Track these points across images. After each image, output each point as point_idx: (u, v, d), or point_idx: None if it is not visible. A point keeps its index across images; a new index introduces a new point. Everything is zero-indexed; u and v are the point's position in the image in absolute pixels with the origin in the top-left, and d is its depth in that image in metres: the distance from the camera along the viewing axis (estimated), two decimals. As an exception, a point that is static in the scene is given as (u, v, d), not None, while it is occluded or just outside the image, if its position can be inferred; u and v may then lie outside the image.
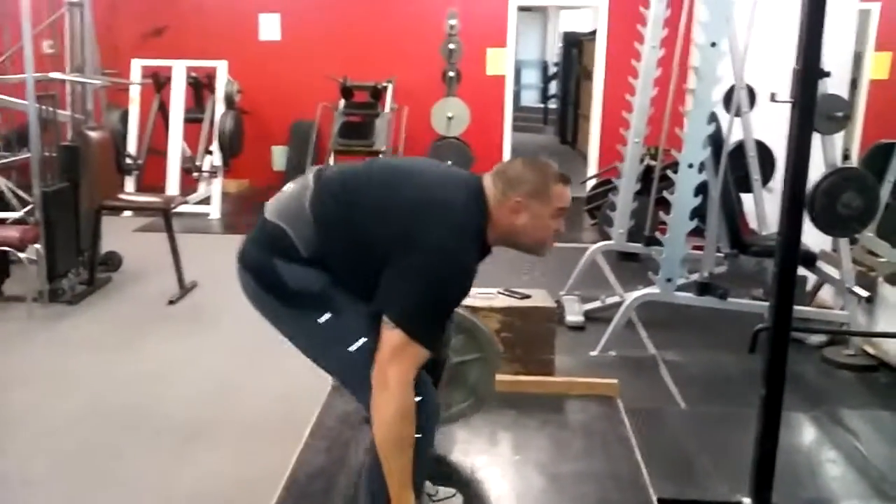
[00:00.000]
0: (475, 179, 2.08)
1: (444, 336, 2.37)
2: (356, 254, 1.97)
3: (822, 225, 3.76)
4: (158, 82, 7.57)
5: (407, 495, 1.95)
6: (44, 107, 4.89)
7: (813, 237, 3.95)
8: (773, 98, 3.28)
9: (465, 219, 1.98)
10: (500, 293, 3.52)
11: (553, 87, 15.60)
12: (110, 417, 3.34)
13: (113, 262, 5.38)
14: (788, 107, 2.37)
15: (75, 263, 4.93)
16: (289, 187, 2.13)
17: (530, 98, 17.05)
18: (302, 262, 1.98)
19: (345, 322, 1.98)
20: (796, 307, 2.62)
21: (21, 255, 4.51)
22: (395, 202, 1.98)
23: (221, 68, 7.47)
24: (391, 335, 1.88)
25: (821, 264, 4.27)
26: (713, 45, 3.80)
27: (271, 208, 2.09)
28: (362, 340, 1.96)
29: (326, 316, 1.99)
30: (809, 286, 4.54)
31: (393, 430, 1.89)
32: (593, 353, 4.00)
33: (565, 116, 13.26)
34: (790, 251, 2.29)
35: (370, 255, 1.95)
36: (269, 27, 8.50)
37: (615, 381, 3.24)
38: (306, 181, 2.09)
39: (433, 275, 1.90)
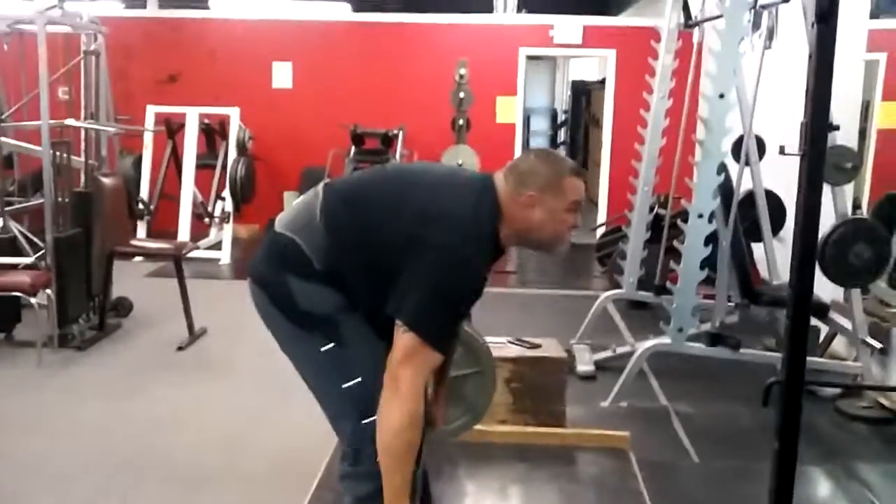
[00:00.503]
0: (486, 179, 2.05)
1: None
2: (368, 258, 1.96)
3: (834, 276, 3.75)
4: (171, 129, 7.65)
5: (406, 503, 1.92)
6: (58, 153, 4.95)
7: (825, 287, 3.93)
8: (781, 151, 3.29)
9: (476, 222, 1.96)
10: (510, 342, 3.51)
11: (562, 134, 15.71)
12: (119, 465, 3.31)
13: (123, 307, 5.39)
14: (797, 159, 2.38)
15: (86, 309, 4.94)
16: (298, 201, 2.13)
17: (540, 145, 17.15)
18: (315, 279, 1.97)
19: (346, 357, 1.97)
20: (809, 358, 2.60)
21: (32, 299, 4.52)
22: (406, 204, 1.97)
23: (234, 115, 7.56)
24: (404, 339, 1.86)
25: (833, 315, 4.24)
26: (721, 96, 3.83)
27: (281, 221, 2.08)
28: (356, 380, 1.95)
29: (329, 345, 1.98)
30: (822, 337, 4.50)
31: (402, 437, 1.86)
32: (604, 404, 3.96)
33: (574, 163, 13.31)
34: (802, 305, 2.27)
35: (382, 259, 1.93)
36: (282, 75, 8.62)
37: (627, 433, 3.22)
38: (316, 192, 2.08)
39: (445, 279, 1.88)
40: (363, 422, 1.95)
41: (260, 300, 2.08)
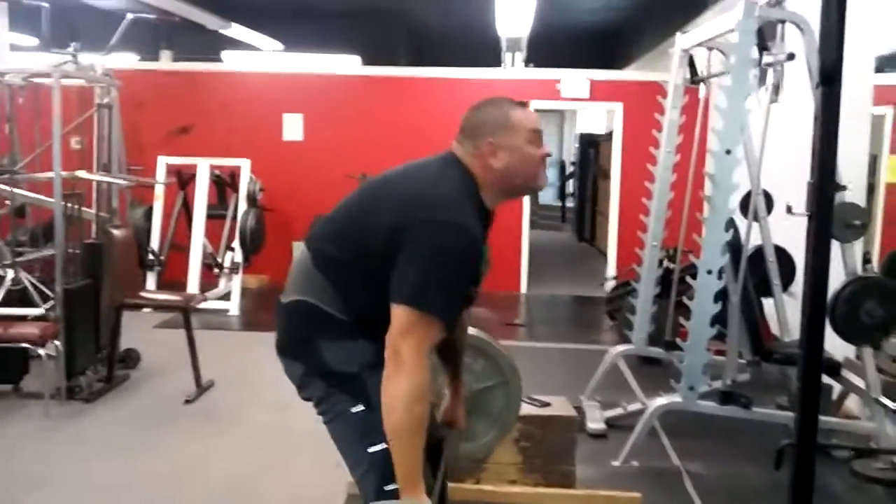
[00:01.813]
0: (446, 153, 2.06)
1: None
2: (373, 272, 1.93)
3: (845, 335, 3.72)
4: (182, 180, 7.72)
5: (419, 486, 1.87)
6: (70, 205, 4.99)
7: (836, 344, 3.90)
8: (789, 210, 3.31)
9: (451, 189, 1.95)
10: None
11: (570, 186, 15.80)
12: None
13: (131, 359, 5.38)
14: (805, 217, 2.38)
15: (94, 360, 4.93)
16: (292, 267, 2.14)
17: (548, 196, 17.25)
18: (341, 334, 1.96)
19: (375, 420, 1.93)
20: (822, 418, 2.56)
21: (40, 350, 4.52)
22: (382, 201, 1.97)
23: (245, 167, 7.62)
24: (399, 312, 1.83)
25: (845, 373, 4.19)
26: (728, 152, 3.84)
27: (284, 292, 2.09)
28: (382, 446, 1.93)
29: (360, 408, 1.96)
30: (835, 394, 4.45)
31: (410, 411, 1.82)
32: (615, 463, 3.91)
33: (583, 214, 13.38)
34: (813, 367, 2.25)
35: (382, 270, 1.90)
36: (293, 127, 8.71)
37: (638, 494, 3.17)
38: (302, 251, 2.10)
39: (434, 248, 1.85)
40: (385, 487, 1.92)
41: (294, 371, 2.07)
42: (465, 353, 2.40)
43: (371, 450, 1.94)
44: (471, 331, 2.54)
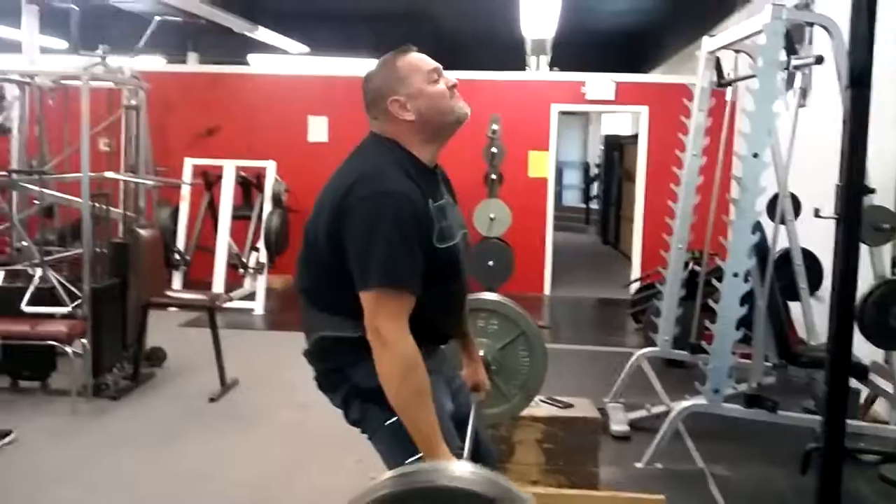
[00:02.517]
0: (363, 140, 2.06)
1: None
2: (339, 279, 1.92)
3: (873, 338, 3.68)
4: (209, 181, 7.78)
5: (441, 447, 1.86)
6: (97, 205, 5.05)
7: (864, 347, 3.85)
8: (816, 214, 3.27)
9: (366, 161, 1.96)
10: (542, 401, 3.46)
11: (595, 188, 15.74)
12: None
13: (157, 357, 5.43)
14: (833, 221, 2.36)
15: (120, 358, 4.99)
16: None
17: (572, 198, 17.22)
18: (361, 351, 1.93)
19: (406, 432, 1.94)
20: (849, 422, 2.54)
21: (67, 348, 4.58)
22: (318, 209, 1.98)
23: (270, 168, 7.67)
24: (365, 297, 1.84)
25: (873, 377, 4.15)
26: (755, 155, 3.81)
27: (306, 339, 2.09)
28: (419, 455, 1.92)
29: (393, 419, 1.95)
30: (863, 398, 4.40)
31: (407, 384, 1.83)
32: (639, 465, 3.89)
33: (607, 217, 13.33)
34: (840, 372, 2.23)
35: (338, 266, 1.91)
36: (318, 129, 8.76)
37: (662, 496, 3.14)
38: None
39: (366, 223, 1.85)
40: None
41: (337, 401, 2.09)
42: (477, 317, 2.40)
43: (408, 461, 1.94)
44: (481, 295, 2.58)
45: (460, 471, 1.49)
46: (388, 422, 1.95)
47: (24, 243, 5.76)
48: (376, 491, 1.40)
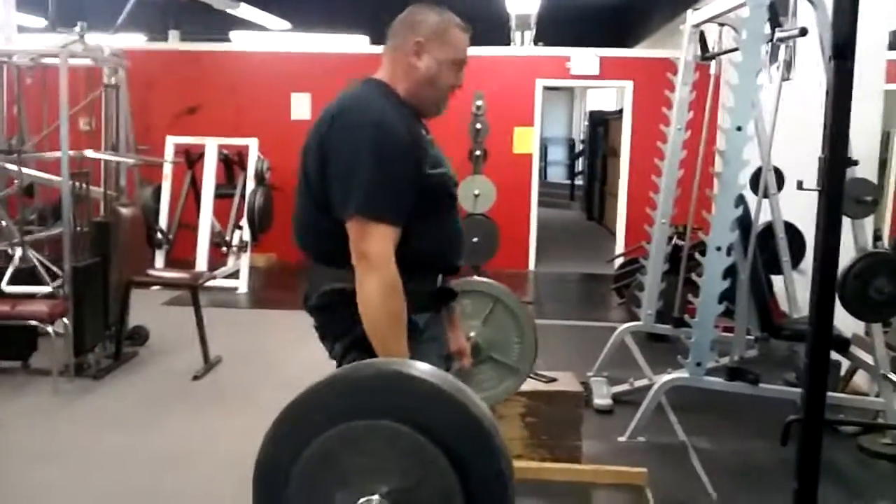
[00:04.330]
0: (360, 79, 2.06)
1: None
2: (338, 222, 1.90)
3: (855, 311, 3.70)
4: (190, 159, 7.72)
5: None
6: (77, 183, 5.00)
7: (845, 320, 3.88)
8: (799, 186, 3.27)
9: (358, 92, 1.97)
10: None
11: (580, 164, 15.74)
12: (132, 496, 3.32)
13: (140, 336, 5.40)
14: (816, 193, 2.36)
15: (102, 338, 4.96)
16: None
17: (557, 174, 17.21)
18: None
19: None
20: (829, 394, 2.55)
21: (49, 328, 4.54)
22: (308, 145, 1.98)
23: (253, 146, 7.61)
24: (352, 225, 1.84)
25: (854, 349, 4.18)
26: (739, 129, 3.81)
27: (308, 292, 2.07)
28: None
29: None
30: (844, 371, 4.43)
31: (386, 306, 1.83)
32: (622, 439, 3.91)
33: (592, 193, 13.33)
34: (821, 344, 2.24)
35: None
36: (301, 106, 8.69)
37: (644, 469, 3.17)
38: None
39: (356, 148, 1.85)
40: None
41: (338, 350, 2.05)
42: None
43: None
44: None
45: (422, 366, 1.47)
46: None
47: (4, 223, 5.71)
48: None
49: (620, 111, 9.26)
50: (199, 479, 3.52)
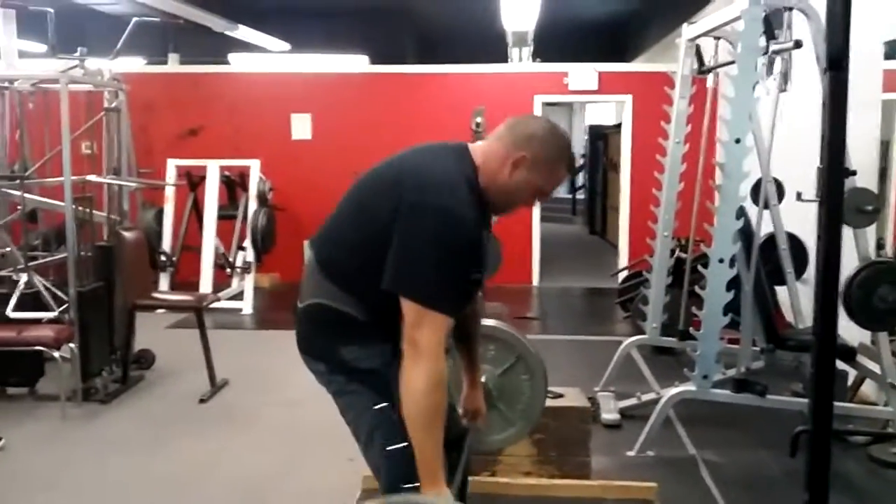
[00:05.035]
0: (461, 144, 2.05)
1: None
2: (379, 265, 1.91)
3: (859, 320, 3.70)
4: (192, 181, 7.75)
5: (440, 475, 1.86)
6: (80, 208, 5.02)
7: (852, 330, 3.88)
8: (799, 197, 3.29)
9: (448, 167, 1.95)
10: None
11: (580, 179, 15.76)
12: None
13: (146, 359, 5.41)
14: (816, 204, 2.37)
15: (109, 362, 4.96)
16: (304, 272, 2.15)
17: (558, 189, 17.21)
18: (358, 333, 1.97)
19: (396, 418, 1.94)
20: (838, 404, 2.55)
21: (55, 353, 4.55)
22: (380, 183, 1.97)
23: (254, 167, 7.64)
24: (409, 306, 1.84)
25: (861, 358, 4.17)
26: (737, 141, 3.82)
27: (301, 296, 2.09)
28: (402, 445, 1.92)
29: (383, 404, 1.96)
30: (851, 380, 4.42)
31: (429, 399, 1.82)
32: (630, 454, 3.90)
33: (593, 207, 13.35)
34: (826, 354, 2.25)
35: (381, 247, 1.90)
36: (301, 127, 8.73)
37: (654, 484, 3.16)
38: (308, 256, 2.12)
39: (433, 235, 1.84)
40: (403, 485, 1.92)
41: (317, 368, 2.08)
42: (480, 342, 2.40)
43: (389, 448, 1.94)
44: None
45: None
46: (378, 406, 1.97)
47: (8, 249, 5.72)
48: None
49: (619, 125, 9.29)
50: (207, 501, 3.51)
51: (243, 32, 9.68)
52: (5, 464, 3.88)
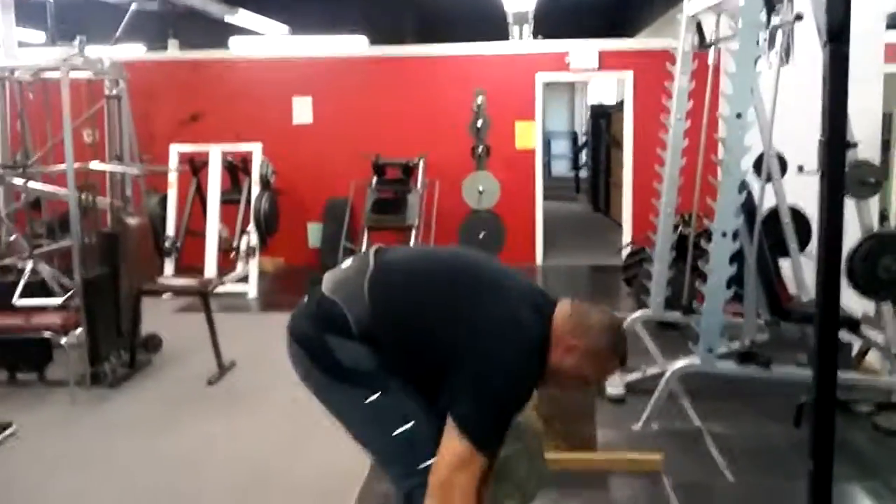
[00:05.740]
0: (549, 306, 2.08)
1: None
2: (411, 345, 1.99)
3: (864, 291, 3.71)
4: (195, 167, 7.76)
5: None
6: (84, 195, 5.03)
7: (856, 300, 3.89)
8: (800, 170, 3.29)
9: (535, 344, 2.01)
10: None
11: (584, 156, 15.73)
12: (152, 500, 3.36)
13: (153, 344, 5.44)
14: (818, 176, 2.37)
15: (116, 347, 4.99)
16: (347, 264, 2.17)
17: (561, 167, 17.23)
18: (354, 340, 2.00)
19: (393, 404, 1.96)
20: (842, 373, 2.57)
21: (63, 339, 4.58)
22: (468, 315, 2.00)
23: (256, 151, 7.64)
24: (459, 446, 1.86)
25: (865, 328, 4.19)
26: (738, 116, 3.82)
27: (329, 284, 2.11)
28: (407, 425, 1.95)
29: (375, 395, 1.99)
30: (856, 350, 4.44)
31: None
32: (636, 427, 3.93)
33: (597, 185, 13.32)
34: (829, 325, 2.25)
35: (427, 351, 1.97)
36: (302, 110, 8.72)
37: (660, 455, 3.19)
38: (367, 260, 2.11)
39: (503, 391, 1.92)
40: (418, 466, 1.95)
41: (301, 360, 2.13)
42: None
43: (397, 432, 1.97)
44: None
45: None
46: (369, 399, 2.00)
47: (14, 237, 5.75)
48: None
49: (621, 103, 9.26)
50: (216, 479, 3.55)
51: (242, 17, 9.66)
52: (18, 448, 3.93)
